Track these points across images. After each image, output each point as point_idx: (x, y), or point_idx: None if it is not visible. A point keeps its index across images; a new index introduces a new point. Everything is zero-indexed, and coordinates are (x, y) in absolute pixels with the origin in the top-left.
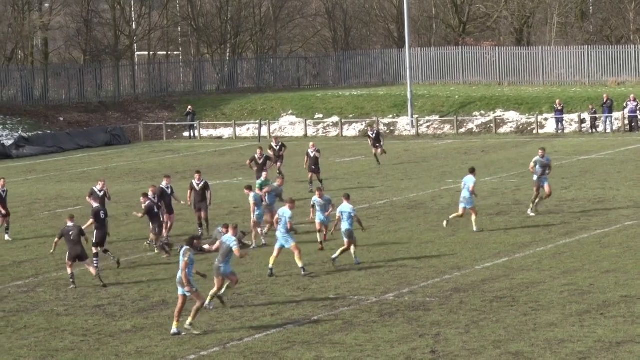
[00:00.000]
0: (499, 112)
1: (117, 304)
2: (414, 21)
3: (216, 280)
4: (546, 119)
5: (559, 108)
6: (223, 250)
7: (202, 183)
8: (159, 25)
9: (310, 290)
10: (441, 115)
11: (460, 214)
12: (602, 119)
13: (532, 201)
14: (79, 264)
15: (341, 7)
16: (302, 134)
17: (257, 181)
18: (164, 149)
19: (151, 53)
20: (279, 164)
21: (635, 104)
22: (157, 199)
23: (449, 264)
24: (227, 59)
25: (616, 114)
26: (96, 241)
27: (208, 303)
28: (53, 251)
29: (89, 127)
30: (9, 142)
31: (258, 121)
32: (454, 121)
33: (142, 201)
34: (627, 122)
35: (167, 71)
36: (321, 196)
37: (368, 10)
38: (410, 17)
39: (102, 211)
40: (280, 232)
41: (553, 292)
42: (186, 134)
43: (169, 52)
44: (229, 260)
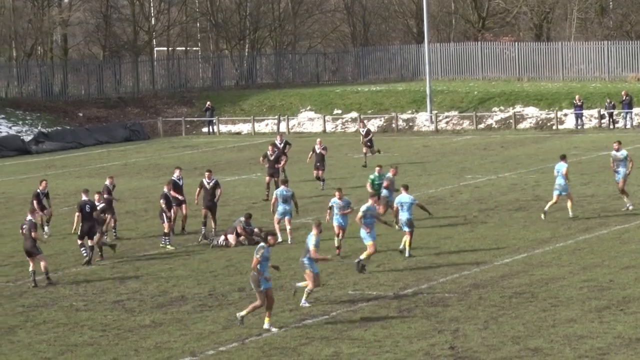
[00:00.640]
0: (518, 108)
1: (136, 299)
2: (433, 16)
3: (306, 277)
4: (566, 115)
5: (579, 104)
6: (305, 248)
7: (213, 182)
8: (178, 21)
9: (329, 286)
10: (460, 110)
11: (555, 201)
12: (621, 114)
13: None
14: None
15: (360, 3)
16: (321, 129)
17: (369, 176)
18: (183, 144)
19: (170, 49)
20: (282, 162)
21: None
22: (169, 190)
23: (467, 260)
24: (246, 54)
25: (636, 110)
26: (81, 234)
27: (304, 300)
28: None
29: (108, 123)
30: (28, 138)
31: (277, 117)
32: (473, 117)
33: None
34: None
35: (186, 67)
36: (341, 197)
37: (387, 6)
38: (429, 13)
39: (87, 204)
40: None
41: (572, 288)
42: (205, 129)
43: (188, 48)
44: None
